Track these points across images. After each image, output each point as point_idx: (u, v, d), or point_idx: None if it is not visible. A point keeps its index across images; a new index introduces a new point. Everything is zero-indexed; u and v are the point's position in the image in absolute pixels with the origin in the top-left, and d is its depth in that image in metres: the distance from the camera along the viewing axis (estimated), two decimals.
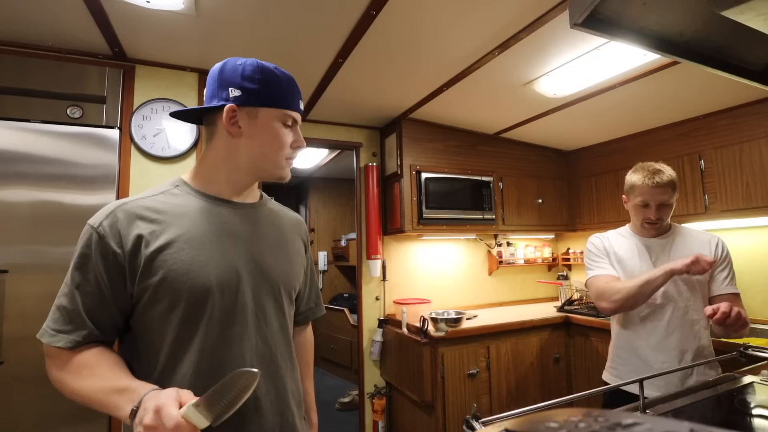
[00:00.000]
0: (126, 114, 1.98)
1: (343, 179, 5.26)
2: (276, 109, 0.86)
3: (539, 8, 1.55)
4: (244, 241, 0.86)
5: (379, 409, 2.76)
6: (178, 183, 0.88)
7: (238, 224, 0.87)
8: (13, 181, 1.70)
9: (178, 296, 0.76)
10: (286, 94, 0.87)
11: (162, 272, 0.75)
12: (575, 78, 2.06)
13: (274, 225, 0.95)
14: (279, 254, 0.92)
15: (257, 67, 0.85)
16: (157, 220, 0.79)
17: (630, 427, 0.27)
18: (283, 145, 0.87)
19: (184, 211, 0.83)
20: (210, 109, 0.86)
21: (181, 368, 0.76)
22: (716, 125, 2.37)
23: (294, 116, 0.88)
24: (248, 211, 0.91)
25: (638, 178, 1.49)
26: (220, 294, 0.79)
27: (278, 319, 0.89)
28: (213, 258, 0.80)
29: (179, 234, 0.79)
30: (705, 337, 1.44)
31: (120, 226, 0.77)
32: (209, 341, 0.78)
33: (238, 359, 0.79)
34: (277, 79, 0.86)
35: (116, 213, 0.78)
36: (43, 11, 1.60)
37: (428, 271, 3.12)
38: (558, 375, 2.71)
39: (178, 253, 0.77)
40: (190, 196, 0.86)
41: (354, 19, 1.64)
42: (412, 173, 2.71)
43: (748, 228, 2.42)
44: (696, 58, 0.95)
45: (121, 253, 0.76)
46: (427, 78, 2.18)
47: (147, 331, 0.78)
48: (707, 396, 1.08)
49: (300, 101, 0.90)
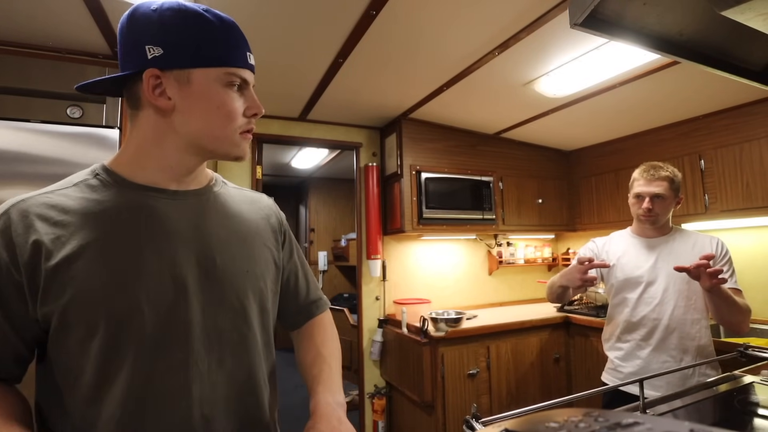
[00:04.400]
0: (126, 114, 1.98)
1: (343, 179, 5.26)
2: (215, 68, 0.64)
3: (539, 8, 1.55)
4: (185, 240, 0.67)
5: (379, 409, 2.76)
6: (98, 170, 0.69)
7: (177, 219, 0.68)
8: (13, 181, 1.70)
9: (94, 321, 0.58)
10: (226, 46, 0.65)
11: (70, 292, 0.58)
12: (575, 78, 2.06)
13: (228, 214, 0.76)
14: (236, 251, 0.73)
15: (179, 10, 0.63)
16: (62, 223, 0.61)
17: (630, 427, 0.27)
18: (231, 115, 0.66)
19: (102, 207, 0.64)
20: (126, 78, 0.65)
21: (106, 409, 0.59)
22: (716, 125, 2.37)
23: (242, 75, 0.67)
24: (191, 200, 0.71)
25: (637, 172, 1.55)
26: (154, 312, 0.61)
27: (241, 335, 0.70)
28: (141, 267, 0.62)
29: (93, 239, 0.61)
30: (706, 336, 1.44)
31: (14, 230, 0.59)
32: (140, 373, 0.60)
33: (182, 392, 0.62)
34: (210, 25, 0.64)
35: (9, 214, 0.60)
36: (43, 11, 1.59)
37: (428, 271, 3.12)
38: (558, 375, 2.71)
39: (91, 264, 0.59)
40: (112, 187, 0.66)
41: (354, 20, 1.64)
42: (412, 173, 2.71)
43: (748, 228, 2.42)
44: (696, 58, 0.95)
45: (15, 265, 0.58)
46: (427, 78, 2.18)
47: (64, 364, 0.60)
48: (707, 396, 1.08)
49: (249, 54, 0.69)
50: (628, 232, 1.64)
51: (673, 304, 1.44)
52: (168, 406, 0.61)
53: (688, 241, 1.51)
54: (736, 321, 1.34)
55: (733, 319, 1.34)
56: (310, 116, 2.76)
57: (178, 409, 0.62)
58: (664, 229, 1.55)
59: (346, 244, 4.74)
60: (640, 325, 1.50)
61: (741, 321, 1.34)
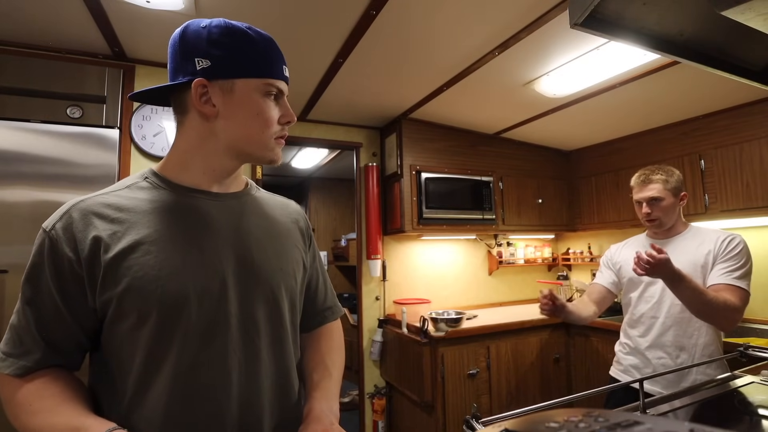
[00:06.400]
0: (126, 114, 1.98)
1: (343, 179, 5.25)
2: (256, 79, 0.71)
3: (539, 8, 1.55)
4: (226, 238, 0.73)
5: (379, 409, 2.76)
6: (147, 174, 0.76)
7: (218, 219, 0.74)
8: (13, 181, 1.70)
9: (147, 308, 0.64)
10: (266, 60, 0.72)
11: (126, 281, 0.64)
12: (575, 78, 2.06)
13: (263, 216, 0.82)
14: (271, 250, 0.79)
15: (225, 28, 0.70)
16: (119, 220, 0.68)
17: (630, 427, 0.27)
18: (268, 122, 0.73)
19: (153, 207, 0.71)
20: (176, 87, 0.72)
21: (152, 393, 0.65)
22: (716, 125, 2.37)
23: (278, 86, 0.74)
24: (231, 202, 0.78)
25: (632, 180, 1.59)
26: (198, 303, 0.67)
27: (275, 328, 0.76)
28: (188, 260, 0.68)
29: (146, 234, 0.67)
30: (706, 334, 1.42)
31: (75, 228, 0.66)
32: (185, 361, 0.66)
33: (223, 380, 0.68)
34: (252, 41, 0.71)
35: (71, 213, 0.67)
36: (44, 11, 1.59)
37: (428, 271, 3.12)
38: (558, 375, 2.71)
39: (145, 256, 0.66)
40: (160, 189, 0.73)
41: (354, 19, 1.64)
42: (412, 173, 2.71)
43: (748, 228, 2.42)
44: (696, 58, 0.95)
45: (77, 260, 0.65)
46: (427, 78, 2.18)
47: (116, 352, 0.67)
48: (707, 396, 1.08)
49: (284, 67, 0.75)
50: (644, 235, 1.67)
51: (670, 302, 1.45)
52: (210, 393, 0.66)
53: (695, 240, 1.50)
54: (705, 316, 1.33)
55: (701, 314, 1.32)
56: (310, 116, 2.76)
57: (219, 397, 0.67)
58: (676, 230, 1.54)
59: (346, 244, 4.74)
60: (639, 323, 1.55)
61: (711, 316, 1.31)
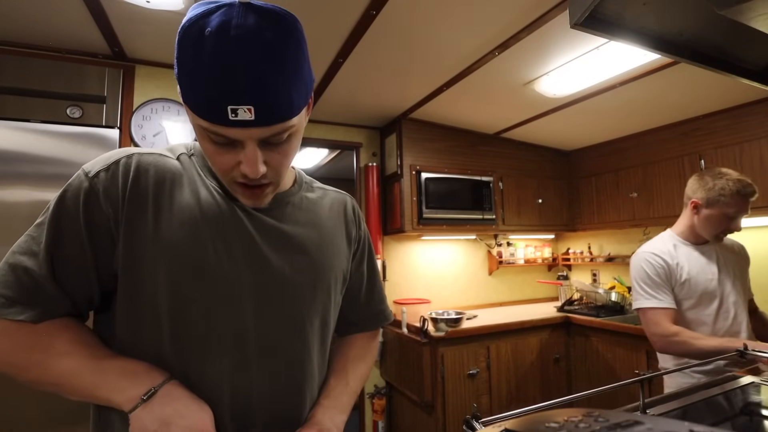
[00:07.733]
0: (126, 114, 1.98)
1: (343, 179, 5.25)
2: (194, 115, 0.54)
3: (539, 8, 1.55)
4: (258, 245, 0.66)
5: (379, 409, 2.76)
6: (194, 151, 0.69)
7: (255, 222, 0.67)
8: (13, 181, 1.70)
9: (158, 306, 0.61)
10: (205, 93, 0.51)
11: (150, 270, 0.60)
12: (575, 78, 2.06)
13: (305, 222, 0.74)
14: (306, 262, 0.71)
15: (185, 27, 0.52)
16: (163, 185, 0.63)
17: (630, 426, 0.27)
18: (215, 166, 0.60)
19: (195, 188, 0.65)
20: None
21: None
22: (716, 125, 2.37)
23: (222, 133, 0.53)
24: (270, 205, 0.70)
25: (732, 187, 1.39)
26: (210, 312, 0.63)
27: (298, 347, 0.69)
28: (211, 265, 0.63)
29: (185, 215, 0.62)
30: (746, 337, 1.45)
31: (121, 181, 0.59)
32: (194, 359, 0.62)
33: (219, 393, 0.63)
34: (196, 58, 0.50)
35: (120, 164, 0.60)
36: (43, 11, 1.59)
37: (428, 271, 3.12)
38: (558, 375, 2.71)
39: (177, 237, 0.62)
40: (195, 175, 0.66)
41: (354, 19, 1.64)
42: (412, 173, 2.71)
43: (748, 228, 2.42)
44: (696, 58, 0.95)
45: (115, 220, 0.59)
46: (427, 78, 2.18)
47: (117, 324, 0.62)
48: (707, 396, 1.08)
49: (246, 108, 0.51)
50: (679, 239, 1.52)
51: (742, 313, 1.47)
52: (212, 397, 0.61)
53: (727, 246, 1.53)
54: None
55: None
56: (310, 116, 2.75)
57: (218, 405, 0.62)
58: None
59: None
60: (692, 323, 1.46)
61: None
